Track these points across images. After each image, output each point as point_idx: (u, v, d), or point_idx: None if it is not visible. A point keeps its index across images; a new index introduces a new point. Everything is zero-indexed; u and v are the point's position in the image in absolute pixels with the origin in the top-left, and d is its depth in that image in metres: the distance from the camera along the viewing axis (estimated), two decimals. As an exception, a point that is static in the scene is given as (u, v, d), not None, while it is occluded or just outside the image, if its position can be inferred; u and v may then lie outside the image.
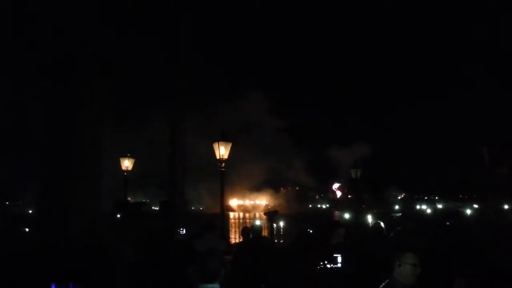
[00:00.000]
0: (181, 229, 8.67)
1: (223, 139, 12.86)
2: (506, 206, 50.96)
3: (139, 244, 7.44)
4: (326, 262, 5.55)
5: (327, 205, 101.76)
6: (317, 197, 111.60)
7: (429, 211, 53.08)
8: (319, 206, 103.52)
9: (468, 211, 41.23)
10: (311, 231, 7.61)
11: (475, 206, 56.04)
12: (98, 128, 9.25)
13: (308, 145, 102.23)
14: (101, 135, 9.35)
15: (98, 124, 9.21)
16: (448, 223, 15.33)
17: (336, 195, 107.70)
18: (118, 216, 20.49)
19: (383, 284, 3.88)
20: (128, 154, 18.31)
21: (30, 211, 37.12)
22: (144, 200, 68.15)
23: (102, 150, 9.33)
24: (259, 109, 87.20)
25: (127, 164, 18.14)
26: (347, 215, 36.33)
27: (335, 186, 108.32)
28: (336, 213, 59.05)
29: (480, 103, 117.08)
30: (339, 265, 5.59)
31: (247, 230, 8.40)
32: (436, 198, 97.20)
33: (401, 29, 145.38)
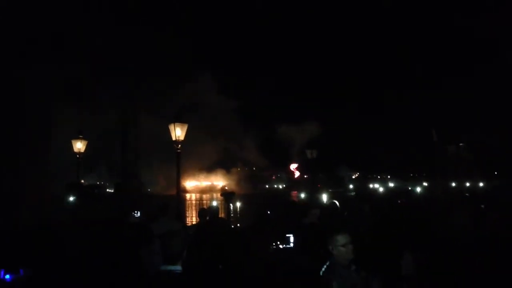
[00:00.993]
0: (136, 212, 8.57)
1: (179, 120, 12.70)
2: (453, 184, 53.36)
3: (92, 227, 7.30)
4: (278, 242, 5.64)
5: (284, 185, 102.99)
6: (273, 177, 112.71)
7: (381, 190, 54.69)
8: (275, 186, 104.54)
9: (418, 189, 42.72)
10: (269, 212, 7.69)
11: (425, 184, 58.20)
12: (46, 109, 8.93)
13: (260, 126, 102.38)
14: (48, 116, 9.04)
15: (45, 104, 8.89)
16: (399, 201, 15.87)
17: (294, 175, 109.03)
18: (71, 199, 20.01)
19: (324, 266, 4.04)
20: (80, 136, 17.77)
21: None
22: (98, 183, 66.84)
23: (50, 131, 9.03)
24: (209, 90, 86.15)
25: (79, 146, 17.63)
26: (302, 195, 36.90)
27: (293, 166, 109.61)
28: (294, 193, 59.89)
29: (428, 86, 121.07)
30: (291, 245, 5.68)
31: (205, 212, 8.40)
32: (388, 177, 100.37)
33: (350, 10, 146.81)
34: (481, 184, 61.24)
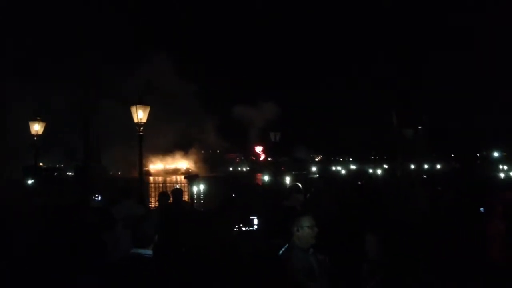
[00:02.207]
0: (97, 196, 8.42)
1: (141, 102, 12.47)
2: (412, 166, 54.90)
3: (53, 211, 7.14)
4: (241, 225, 5.66)
5: (247, 168, 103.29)
6: (237, 160, 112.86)
7: (343, 172, 55.68)
8: (239, 169, 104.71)
9: (379, 171, 43.78)
10: (233, 195, 7.71)
11: (385, 166, 59.67)
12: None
13: (220, 109, 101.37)
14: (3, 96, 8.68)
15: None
16: (359, 183, 16.20)
17: (259, 157, 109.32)
18: (30, 182, 19.48)
19: (282, 249, 4.05)
20: (38, 118, 17.21)
21: None
22: (58, 166, 65.22)
23: (3, 112, 8.69)
24: (166, 72, 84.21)
25: (37, 128, 17.07)
26: (266, 178, 37.16)
27: (259, 148, 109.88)
28: (259, 175, 60.17)
29: (390, 69, 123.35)
30: (255, 227, 5.70)
31: (165, 195, 8.34)
32: (350, 159, 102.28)
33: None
34: (438, 166, 63.37)
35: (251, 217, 5.75)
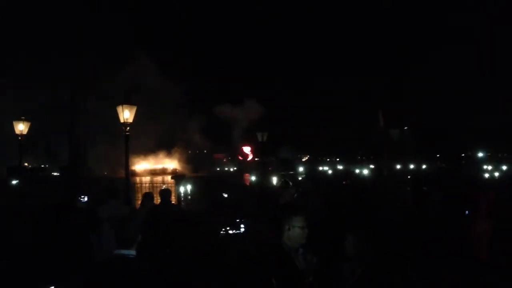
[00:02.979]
0: (83, 196, 8.32)
1: (127, 102, 12.41)
2: (398, 166, 55.32)
3: (39, 212, 7.06)
4: (228, 228, 5.62)
5: (235, 168, 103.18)
6: (224, 160, 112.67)
7: (330, 172, 55.89)
8: (226, 169, 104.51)
9: (366, 171, 44.01)
10: (225, 195, 7.65)
11: (372, 166, 60.02)
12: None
13: (206, 108, 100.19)
14: None
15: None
16: (344, 182, 16.32)
17: (247, 157, 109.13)
18: (14, 182, 19.23)
19: (271, 249, 4.04)
20: (23, 117, 17.01)
21: None
22: (42, 166, 64.41)
23: None
24: (150, 72, 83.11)
25: (21, 128, 16.88)
26: (253, 178, 37.15)
27: (247, 149, 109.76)
28: (247, 175, 60.13)
29: (375, 70, 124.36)
30: (242, 230, 5.67)
31: (149, 196, 8.31)
32: (337, 159, 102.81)
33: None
34: (424, 167, 63.93)
35: (237, 220, 5.70)
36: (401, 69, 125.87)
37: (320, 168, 76.58)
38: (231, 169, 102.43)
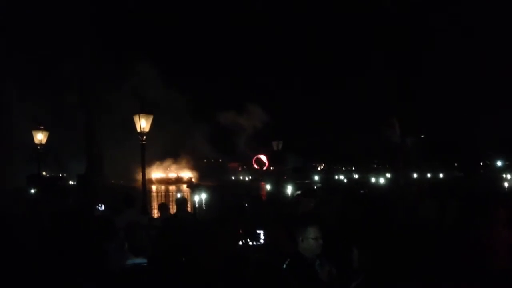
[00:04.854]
0: (100, 205, 8.41)
1: (144, 111, 12.49)
2: (415, 175, 54.74)
3: (56, 220, 7.13)
4: (248, 239, 5.55)
5: (250, 177, 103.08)
6: (239, 169, 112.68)
7: (345, 181, 55.59)
8: (241, 178, 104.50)
9: (382, 180, 43.65)
10: (246, 204, 7.58)
11: (388, 175, 59.50)
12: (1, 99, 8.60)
13: (211, 116, 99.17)
14: (4, 106, 8.71)
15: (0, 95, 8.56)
16: (362, 191, 16.17)
17: (264, 166, 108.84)
18: (32, 191, 19.47)
19: (288, 260, 3.98)
20: (42, 127, 17.27)
21: None
22: (60, 174, 65.10)
23: (7, 123, 8.71)
24: (156, 80, 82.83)
25: (40, 137, 17.13)
26: (268, 187, 37.10)
27: (264, 157, 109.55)
28: (262, 184, 60.07)
29: (389, 78, 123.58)
30: (262, 241, 5.59)
31: (165, 206, 8.35)
32: (353, 168, 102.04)
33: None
34: (441, 175, 63.13)
35: (257, 231, 5.61)
36: (417, 76, 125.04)
37: (336, 177, 76.21)
38: (247, 178, 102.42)
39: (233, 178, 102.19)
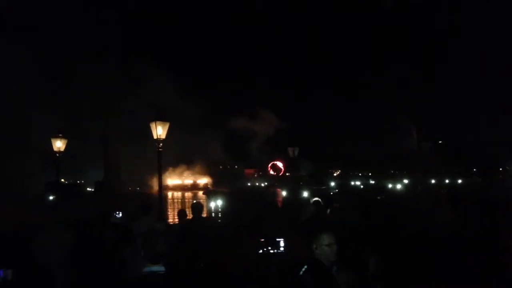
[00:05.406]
0: (117, 212, 8.46)
1: (160, 118, 12.57)
2: (433, 181, 54.10)
3: (74, 227, 7.20)
4: (269, 247, 5.50)
5: (266, 183, 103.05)
6: (255, 175, 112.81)
7: (362, 187, 55.18)
8: (257, 184, 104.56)
9: (399, 186, 43.22)
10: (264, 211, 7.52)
11: (405, 181, 58.91)
12: (21, 106, 8.76)
13: (223, 122, 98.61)
14: (25, 115, 8.86)
15: (20, 101, 8.72)
16: (379, 198, 16.02)
17: (281, 171, 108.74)
18: (51, 198, 19.68)
19: (304, 268, 3.96)
20: (60, 135, 17.50)
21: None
22: (78, 181, 65.85)
23: (26, 129, 8.86)
24: (171, 90, 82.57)
25: (59, 145, 17.35)
26: (284, 193, 37.02)
27: (280, 164, 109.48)
28: (278, 190, 60.03)
29: (407, 83, 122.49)
30: (282, 249, 5.54)
31: (183, 212, 8.36)
32: (370, 174, 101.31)
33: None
34: (459, 181, 62.29)
35: (277, 239, 5.56)
36: (434, 80, 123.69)
37: (352, 183, 75.69)
38: (262, 184, 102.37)
39: (249, 184, 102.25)
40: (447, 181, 61.85)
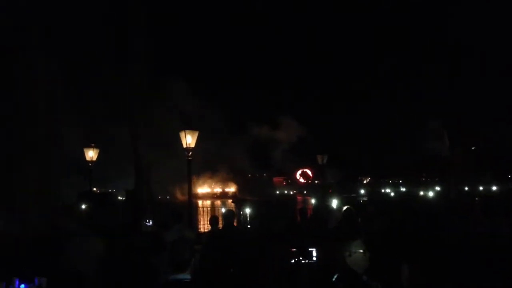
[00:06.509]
0: (148, 221, 8.57)
1: (190, 127, 12.69)
2: (466, 188, 52.72)
3: (105, 236, 7.32)
4: (301, 257, 5.48)
5: (294, 191, 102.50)
6: (284, 183, 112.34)
7: (392, 194, 54.28)
8: (286, 192, 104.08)
9: (431, 194, 42.32)
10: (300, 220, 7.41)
11: (437, 188, 57.64)
12: (53, 114, 8.95)
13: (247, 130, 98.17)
14: (56, 121, 9.05)
15: (52, 109, 8.91)
16: (411, 206, 15.74)
17: (310, 179, 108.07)
18: (83, 207, 20.09)
19: (336, 275, 3.94)
20: (92, 144, 17.91)
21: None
22: (110, 190, 66.96)
23: (58, 138, 9.05)
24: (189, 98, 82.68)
25: (91, 154, 17.76)
26: (313, 201, 36.77)
27: (309, 171, 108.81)
28: (308, 198, 59.66)
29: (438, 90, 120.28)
30: (314, 259, 5.50)
31: (216, 219, 8.38)
32: (400, 181, 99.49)
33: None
34: (494, 188, 60.50)
35: (310, 249, 5.52)
36: (466, 85, 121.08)
37: (382, 191, 74.57)
38: (291, 192, 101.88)
39: (277, 192, 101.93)
40: (481, 188, 60.19)
